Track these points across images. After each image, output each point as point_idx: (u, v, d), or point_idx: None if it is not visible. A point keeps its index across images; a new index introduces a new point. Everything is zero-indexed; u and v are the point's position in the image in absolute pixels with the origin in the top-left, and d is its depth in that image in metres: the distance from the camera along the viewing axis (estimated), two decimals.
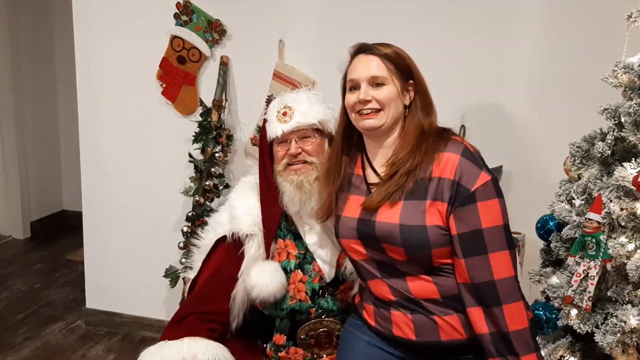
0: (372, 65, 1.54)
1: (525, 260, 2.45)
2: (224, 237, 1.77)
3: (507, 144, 2.45)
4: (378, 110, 1.53)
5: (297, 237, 1.81)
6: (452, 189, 1.45)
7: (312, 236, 1.80)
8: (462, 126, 2.44)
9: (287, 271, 1.77)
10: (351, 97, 1.56)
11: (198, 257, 1.84)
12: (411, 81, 1.57)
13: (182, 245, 2.69)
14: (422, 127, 1.53)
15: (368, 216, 1.53)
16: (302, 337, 1.78)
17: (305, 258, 1.80)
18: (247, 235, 1.75)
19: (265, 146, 1.81)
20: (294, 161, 1.75)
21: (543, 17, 2.33)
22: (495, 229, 1.45)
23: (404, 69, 1.55)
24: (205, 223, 1.93)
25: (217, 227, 1.82)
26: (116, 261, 3.03)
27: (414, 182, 1.48)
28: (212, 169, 2.66)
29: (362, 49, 1.58)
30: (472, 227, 1.44)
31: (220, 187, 2.69)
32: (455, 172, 1.45)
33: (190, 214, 2.68)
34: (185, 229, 2.67)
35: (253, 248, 1.74)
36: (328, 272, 1.79)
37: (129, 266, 3.01)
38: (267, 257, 1.76)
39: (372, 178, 1.59)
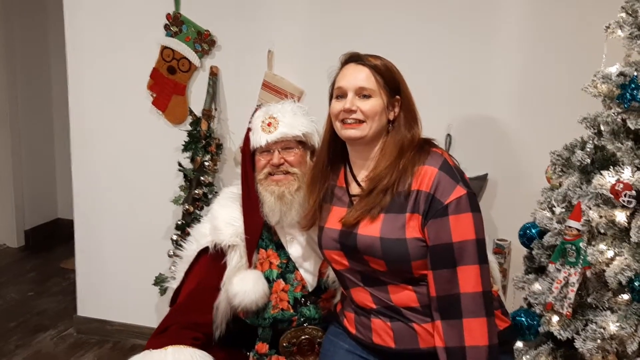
0: (361, 76, 1.54)
1: (512, 267, 2.47)
2: (206, 248, 1.78)
3: (493, 153, 2.48)
4: (361, 122, 1.53)
5: (279, 247, 1.82)
6: (427, 202, 1.46)
7: (294, 246, 1.81)
8: (448, 135, 2.47)
9: (269, 281, 1.78)
10: (337, 105, 1.56)
11: (181, 268, 1.85)
12: (398, 97, 1.57)
13: (172, 253, 2.70)
14: (402, 143, 1.53)
15: (350, 228, 1.54)
16: (284, 345, 1.79)
17: (288, 267, 1.81)
18: (229, 246, 1.76)
19: (247, 154, 1.82)
20: (275, 171, 1.76)
21: (525, 28, 2.36)
22: (466, 243, 1.44)
23: (392, 83, 1.55)
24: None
25: (200, 238, 1.83)
26: (107, 269, 3.04)
27: (393, 196, 1.49)
28: (202, 178, 2.68)
29: (353, 58, 1.58)
30: (443, 240, 1.44)
31: (210, 196, 2.71)
32: (431, 185, 1.46)
33: (179, 222, 2.71)
34: (174, 237, 2.69)
35: (235, 259, 1.75)
36: (310, 281, 1.81)
37: (120, 274, 3.02)
38: (250, 267, 1.77)
39: (355, 189, 1.60)
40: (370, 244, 1.50)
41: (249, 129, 1.85)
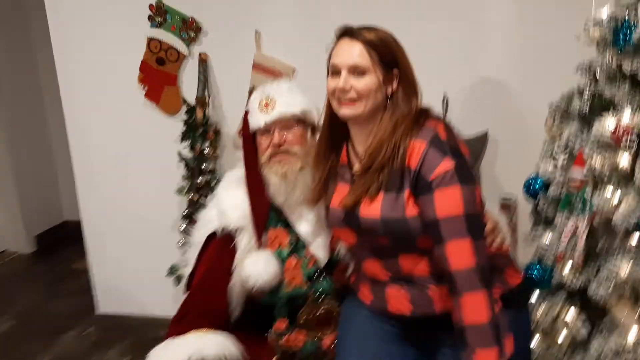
0: (354, 53, 1.48)
1: (519, 221, 2.48)
2: (215, 232, 1.79)
3: (491, 109, 2.47)
4: (355, 100, 1.49)
5: (288, 225, 1.82)
6: (413, 178, 1.43)
7: (303, 224, 1.80)
8: (445, 97, 2.45)
9: (281, 259, 1.78)
10: (331, 83, 1.53)
11: (192, 254, 1.85)
12: (395, 70, 1.51)
13: (182, 243, 2.72)
14: (397, 118, 1.49)
15: (351, 210, 1.53)
16: (302, 320, 1.80)
17: (298, 245, 1.82)
18: (237, 229, 1.76)
19: (247, 138, 1.82)
20: (277, 151, 1.76)
21: None
22: (453, 218, 1.39)
23: (388, 57, 1.49)
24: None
25: (207, 223, 1.83)
26: (121, 265, 3.07)
27: (389, 174, 1.46)
28: (203, 166, 2.69)
29: (346, 33, 1.52)
30: (430, 216, 1.42)
31: (213, 183, 2.71)
32: (418, 161, 1.43)
33: (186, 212, 2.72)
34: (182, 227, 2.70)
35: (244, 241, 1.75)
36: (322, 257, 1.81)
37: (134, 269, 3.05)
38: (260, 247, 1.77)
39: (357, 166, 1.58)
40: (372, 224, 1.49)
41: (246, 112, 1.84)
